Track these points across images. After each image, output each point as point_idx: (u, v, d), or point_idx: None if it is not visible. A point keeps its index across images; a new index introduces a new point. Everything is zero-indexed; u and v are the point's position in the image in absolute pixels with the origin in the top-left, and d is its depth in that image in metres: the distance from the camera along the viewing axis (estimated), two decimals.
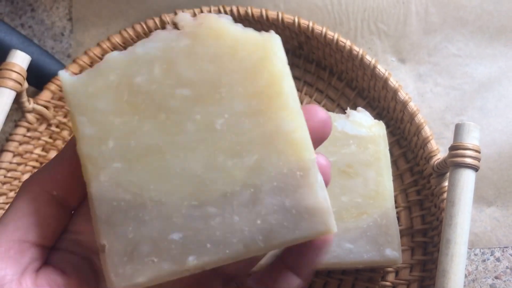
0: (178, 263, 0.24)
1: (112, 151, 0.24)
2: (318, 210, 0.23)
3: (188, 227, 0.24)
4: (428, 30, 0.51)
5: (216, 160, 0.24)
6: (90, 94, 0.25)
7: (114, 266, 0.24)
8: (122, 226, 0.24)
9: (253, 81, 0.24)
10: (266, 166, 0.24)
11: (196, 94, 0.24)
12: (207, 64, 0.25)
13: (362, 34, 0.51)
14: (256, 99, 0.24)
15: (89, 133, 0.24)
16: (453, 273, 0.34)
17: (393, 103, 0.46)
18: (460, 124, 0.38)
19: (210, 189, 0.24)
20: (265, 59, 0.24)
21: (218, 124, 0.24)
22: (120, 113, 0.25)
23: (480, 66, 0.50)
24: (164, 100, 0.25)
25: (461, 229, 0.35)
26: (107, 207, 0.24)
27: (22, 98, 0.44)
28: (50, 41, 0.52)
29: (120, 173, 0.24)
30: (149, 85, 0.25)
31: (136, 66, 0.25)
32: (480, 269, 0.45)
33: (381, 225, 0.41)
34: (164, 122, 0.24)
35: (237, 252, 0.24)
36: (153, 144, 0.24)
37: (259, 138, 0.24)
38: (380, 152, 0.42)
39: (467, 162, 0.37)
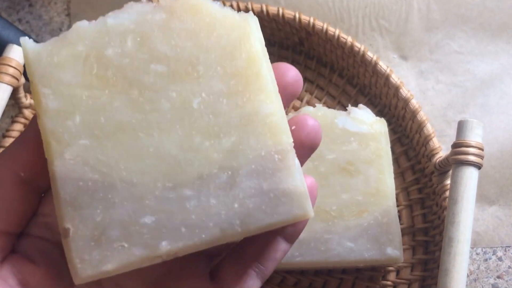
0: (150, 248, 0.22)
1: (79, 127, 0.23)
2: (296, 194, 0.23)
3: (162, 210, 0.23)
4: (429, 27, 0.50)
5: (193, 140, 0.23)
6: (55, 64, 0.23)
7: (79, 252, 0.22)
8: (89, 208, 0.22)
9: (231, 61, 0.24)
10: (244, 149, 0.23)
11: (171, 70, 0.23)
12: (183, 40, 0.24)
13: (364, 30, 0.50)
14: (234, 79, 0.24)
15: (54, 107, 0.22)
16: (456, 271, 0.34)
17: (394, 100, 0.45)
18: (463, 121, 0.38)
19: (185, 170, 0.23)
20: (243, 38, 0.24)
21: (195, 104, 0.23)
22: (88, 86, 0.23)
23: (482, 63, 0.50)
24: (137, 76, 0.23)
25: (464, 227, 0.35)
26: (72, 187, 0.22)
27: (19, 94, 0.43)
28: (48, 36, 0.52)
29: (88, 151, 0.22)
30: (121, 58, 0.23)
31: (107, 37, 0.23)
32: (482, 268, 0.45)
33: (382, 223, 0.40)
34: (136, 99, 0.23)
35: (213, 237, 0.23)
36: (125, 121, 0.23)
37: (237, 120, 0.23)
38: (381, 149, 0.42)
39: (470, 160, 0.36)
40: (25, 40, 0.23)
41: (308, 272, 0.44)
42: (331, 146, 0.42)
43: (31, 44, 0.23)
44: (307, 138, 0.25)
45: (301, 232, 0.27)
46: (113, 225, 0.22)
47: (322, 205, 0.40)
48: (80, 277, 0.22)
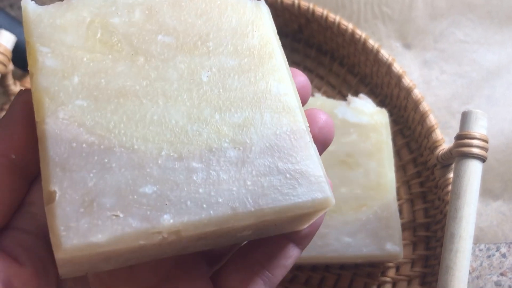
0: (150, 221, 0.19)
1: (77, 87, 0.21)
2: (315, 177, 0.21)
3: (165, 180, 0.20)
4: (434, 15, 0.49)
5: (201, 112, 0.21)
6: (57, 26, 0.22)
7: (65, 218, 0.19)
8: (81, 171, 0.20)
9: (243, 40, 0.23)
10: (257, 125, 0.21)
11: (180, 43, 0.22)
12: (193, 17, 0.23)
13: (366, 17, 0.49)
14: (246, 58, 0.22)
15: (51, 65, 0.21)
16: (457, 269, 0.33)
17: (396, 90, 0.44)
18: (467, 112, 0.36)
19: (193, 141, 0.21)
20: (255, 22, 0.23)
21: (204, 76, 0.22)
22: (91, 49, 0.22)
23: (488, 53, 0.48)
24: (144, 44, 0.22)
25: (466, 223, 0.33)
26: (64, 148, 0.20)
27: (8, 81, 0.42)
28: None
29: (85, 112, 0.20)
30: (128, 27, 0.22)
31: (114, 7, 0.22)
32: (485, 265, 0.43)
33: (381, 217, 0.39)
34: (142, 66, 0.22)
35: (223, 215, 0.20)
36: (128, 86, 0.21)
37: (250, 96, 0.22)
38: (382, 141, 0.40)
39: (474, 152, 0.35)
40: (26, 2, 0.22)
41: (305, 268, 0.42)
42: None
43: (32, 5, 0.22)
44: (320, 133, 0.23)
45: (314, 234, 0.24)
46: (108, 191, 0.20)
47: None
48: (65, 247, 0.18)
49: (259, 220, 0.20)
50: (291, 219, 0.21)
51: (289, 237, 0.24)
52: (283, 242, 0.24)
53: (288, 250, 0.24)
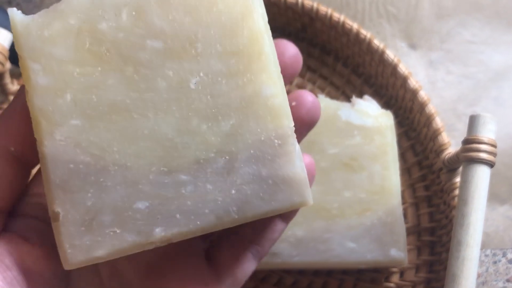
0: (143, 235, 0.21)
1: (71, 106, 0.21)
2: (295, 181, 0.22)
3: (156, 195, 0.22)
4: (441, 15, 0.47)
5: (190, 123, 0.22)
6: (45, 38, 0.21)
7: (69, 237, 0.21)
8: (80, 192, 0.21)
9: (232, 39, 0.22)
10: (243, 132, 0.22)
11: (169, 47, 0.22)
12: (182, 15, 0.22)
13: (370, 17, 0.47)
14: (235, 58, 0.22)
15: (44, 83, 0.21)
16: (464, 277, 0.32)
17: (402, 91, 0.43)
18: (475, 116, 0.35)
19: (182, 154, 0.22)
20: (245, 15, 0.22)
21: (192, 84, 0.22)
22: (81, 63, 0.22)
23: (496, 54, 0.47)
24: (133, 52, 0.22)
25: (474, 230, 0.33)
26: (62, 169, 0.21)
27: (5, 80, 0.41)
28: None
29: (79, 132, 0.21)
30: (115, 33, 0.22)
31: (101, 10, 0.22)
32: (491, 271, 0.42)
33: (386, 222, 0.38)
34: (131, 77, 0.22)
35: (209, 224, 0.22)
36: (118, 101, 0.22)
37: (237, 102, 0.22)
38: (387, 144, 0.39)
39: (482, 157, 0.34)
40: (13, 12, 0.22)
41: (307, 272, 0.42)
42: (334, 139, 0.39)
43: (19, 16, 0.22)
44: (307, 115, 0.25)
45: (297, 212, 0.26)
46: (105, 209, 0.21)
47: (323, 202, 0.38)
48: (71, 263, 0.21)
49: (242, 222, 0.22)
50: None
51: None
52: (270, 218, 0.26)
53: (275, 225, 0.26)
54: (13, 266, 0.22)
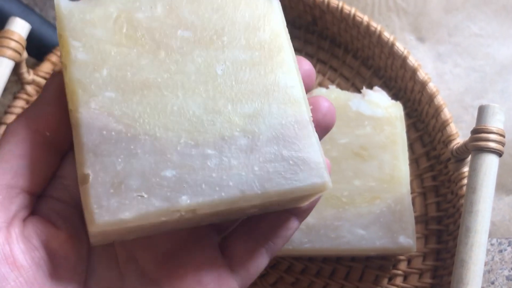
0: (170, 201, 0.22)
1: (106, 79, 0.23)
2: (315, 163, 0.23)
3: (183, 165, 0.23)
4: (449, 8, 0.48)
5: (216, 103, 0.24)
6: (87, 21, 0.24)
7: (97, 198, 0.22)
8: (111, 156, 0.22)
9: (255, 34, 0.25)
10: (265, 115, 0.24)
11: (198, 37, 0.25)
12: (210, 12, 0.25)
13: (380, 10, 0.48)
14: (258, 51, 0.25)
15: (83, 58, 0.24)
16: (473, 263, 0.33)
17: (411, 83, 0.43)
18: (484, 106, 0.36)
19: (208, 130, 0.23)
20: (266, 16, 0.25)
21: (219, 70, 0.24)
22: (118, 43, 0.24)
23: (503, 47, 0.48)
24: (165, 38, 0.24)
25: (482, 217, 0.33)
26: (95, 135, 0.23)
27: (22, 69, 0.42)
28: (51, 11, 0.50)
29: (113, 102, 0.23)
30: (150, 22, 0.24)
31: (138, 3, 0.25)
32: (497, 259, 0.43)
33: (395, 210, 0.39)
34: (163, 60, 0.24)
35: (233, 197, 0.23)
36: (151, 79, 0.24)
37: (259, 88, 0.24)
38: (396, 134, 0.40)
39: (491, 146, 0.35)
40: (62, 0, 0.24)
41: (316, 259, 0.42)
42: (344, 129, 0.40)
43: (64, 1, 0.24)
44: (323, 120, 0.26)
45: (312, 209, 0.27)
46: (134, 174, 0.22)
47: (333, 190, 0.39)
48: (97, 223, 0.22)
49: (265, 201, 0.23)
50: (293, 199, 0.24)
51: (290, 211, 0.27)
52: (285, 215, 0.27)
53: (289, 223, 0.27)
54: (41, 247, 0.23)
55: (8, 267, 0.22)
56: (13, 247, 0.22)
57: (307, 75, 0.26)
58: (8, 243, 0.22)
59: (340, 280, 0.42)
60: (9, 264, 0.22)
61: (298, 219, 0.27)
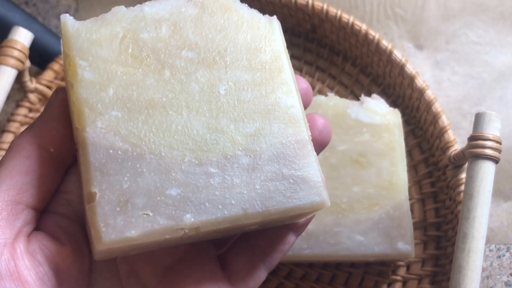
0: (175, 219, 0.23)
1: (112, 99, 0.24)
2: (314, 182, 0.24)
3: (187, 183, 0.23)
4: (447, 16, 0.49)
5: (219, 122, 0.24)
6: (93, 40, 0.24)
7: (104, 216, 0.22)
8: (117, 175, 0.23)
9: (257, 55, 0.26)
10: (266, 135, 0.25)
11: (201, 58, 0.25)
12: (214, 33, 0.26)
13: (378, 18, 0.49)
14: (259, 72, 0.25)
15: (89, 78, 0.24)
16: (470, 269, 0.33)
17: (409, 91, 0.44)
18: (481, 114, 0.36)
19: (211, 149, 0.24)
20: (268, 37, 0.26)
21: (222, 89, 0.25)
22: (124, 63, 0.24)
23: (501, 54, 0.48)
24: (170, 58, 0.25)
25: (479, 223, 0.34)
26: (102, 154, 0.23)
27: (24, 78, 0.42)
28: (54, 20, 0.51)
29: (119, 122, 0.24)
30: (155, 42, 0.25)
31: (143, 23, 0.25)
32: (495, 265, 0.43)
33: (393, 217, 0.39)
34: (168, 79, 0.25)
35: (235, 215, 0.23)
36: (156, 98, 0.24)
37: (260, 108, 0.25)
38: (395, 141, 0.41)
39: (487, 153, 0.35)
40: (66, 17, 0.25)
41: (316, 265, 0.43)
42: (343, 136, 0.41)
43: (71, 20, 0.25)
44: (319, 136, 0.27)
45: (309, 223, 0.28)
46: (140, 193, 0.23)
47: (332, 197, 0.39)
48: (104, 241, 0.22)
49: (265, 219, 0.24)
50: (292, 217, 0.25)
51: (288, 226, 0.27)
52: (282, 231, 0.27)
53: (286, 238, 0.27)
54: (45, 263, 0.23)
55: (13, 283, 0.22)
56: (18, 262, 0.22)
57: (305, 93, 0.27)
58: (13, 259, 0.22)
59: (340, 286, 0.42)
60: (14, 280, 0.22)
61: (295, 233, 0.28)
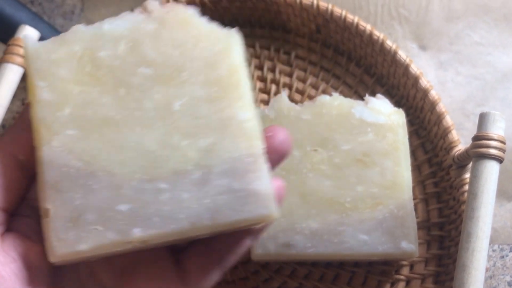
0: (123, 233, 0.24)
1: (68, 118, 0.25)
2: (263, 195, 0.25)
3: (137, 199, 0.24)
4: (450, 17, 0.49)
5: (172, 138, 0.25)
6: (52, 61, 0.25)
7: (56, 231, 0.24)
8: (70, 192, 0.24)
9: (214, 70, 0.26)
10: (219, 149, 0.25)
11: (157, 74, 0.26)
12: (171, 48, 0.26)
13: (382, 19, 0.49)
14: (215, 87, 0.26)
15: (47, 98, 0.25)
16: (474, 268, 0.33)
17: (413, 91, 0.44)
18: (485, 114, 0.37)
19: (162, 165, 0.25)
20: (225, 51, 0.26)
21: (176, 106, 0.25)
22: (80, 83, 0.25)
23: (503, 55, 0.48)
24: (126, 76, 0.25)
25: (483, 223, 0.34)
26: (56, 172, 0.24)
27: None
28: (60, 19, 0.51)
29: (74, 140, 0.25)
30: (112, 60, 0.26)
31: (102, 41, 0.26)
32: (498, 265, 0.44)
33: (397, 216, 0.39)
34: (123, 97, 0.25)
35: (183, 228, 0.24)
36: (110, 116, 0.25)
37: (215, 123, 0.25)
38: (398, 141, 0.41)
39: (492, 153, 0.35)
40: (27, 37, 0.26)
41: (319, 264, 0.43)
42: (347, 136, 0.41)
43: (32, 41, 0.26)
44: (280, 145, 0.27)
45: (266, 228, 0.28)
46: (91, 209, 0.24)
47: (336, 196, 0.39)
48: (56, 254, 0.24)
49: (214, 230, 0.25)
50: (243, 227, 0.26)
51: (245, 231, 0.28)
52: (239, 234, 0.28)
53: (243, 241, 0.28)
54: (18, 259, 0.25)
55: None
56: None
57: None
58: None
59: (343, 285, 0.42)
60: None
61: (252, 238, 0.28)
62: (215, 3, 0.45)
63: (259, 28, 0.49)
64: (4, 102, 0.39)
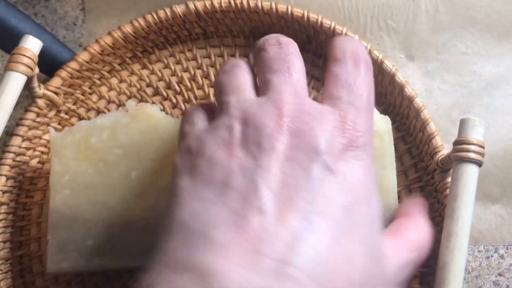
0: (88, 260, 0.37)
1: (66, 182, 0.38)
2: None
3: (99, 238, 0.37)
4: (437, 28, 0.51)
5: (128, 197, 0.37)
6: (62, 145, 0.39)
7: (51, 254, 0.37)
8: (61, 230, 0.37)
9: (164, 148, 0.38)
10: (161, 207, 0.37)
11: (125, 153, 0.38)
12: (136, 135, 0.38)
13: (371, 30, 0.51)
14: (165, 161, 0.38)
15: (56, 169, 0.39)
16: (454, 265, 0.35)
17: (399, 99, 0.46)
18: (465, 120, 0.38)
19: (119, 216, 0.37)
20: (173, 134, 0.38)
21: (133, 175, 0.38)
22: (77, 159, 0.38)
23: (488, 64, 0.50)
24: (105, 155, 0.38)
25: (463, 222, 0.36)
26: (55, 216, 0.38)
27: (33, 83, 0.45)
28: (62, 30, 0.53)
29: (68, 197, 0.38)
30: (98, 144, 0.39)
31: (93, 130, 0.39)
32: (484, 265, 0.45)
33: (383, 219, 0.41)
34: (101, 169, 0.38)
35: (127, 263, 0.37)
36: (91, 182, 0.38)
37: (160, 188, 0.37)
38: (385, 146, 0.42)
39: (471, 157, 0.37)
40: (51, 130, 0.40)
41: None
42: None
43: (53, 132, 0.40)
44: None
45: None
46: (71, 242, 0.37)
47: None
48: (48, 270, 0.37)
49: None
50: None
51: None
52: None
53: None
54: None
55: None
56: None
57: None
58: None
59: None
60: None
61: None
62: (210, 14, 0.47)
63: (253, 39, 0.51)
64: (8, 108, 0.41)
